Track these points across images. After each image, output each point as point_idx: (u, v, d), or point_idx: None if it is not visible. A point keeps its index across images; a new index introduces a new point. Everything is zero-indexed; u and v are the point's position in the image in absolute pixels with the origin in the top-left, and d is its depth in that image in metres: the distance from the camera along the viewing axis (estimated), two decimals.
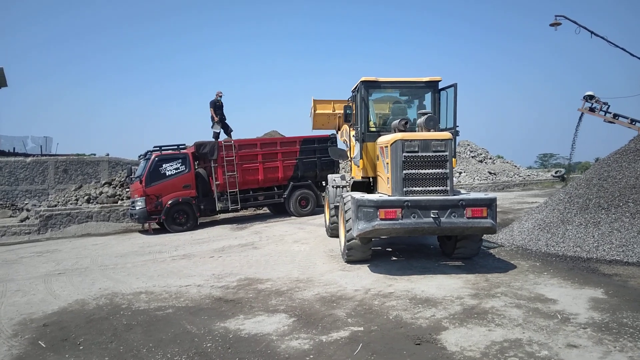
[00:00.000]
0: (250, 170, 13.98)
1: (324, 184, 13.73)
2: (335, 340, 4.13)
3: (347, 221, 6.92)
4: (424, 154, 6.51)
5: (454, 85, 7.29)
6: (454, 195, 6.59)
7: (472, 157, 25.93)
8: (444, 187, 6.51)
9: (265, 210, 16.98)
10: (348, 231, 6.85)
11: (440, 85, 7.66)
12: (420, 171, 6.51)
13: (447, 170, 6.55)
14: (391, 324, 4.44)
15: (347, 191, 8.32)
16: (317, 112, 11.45)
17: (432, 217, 6.22)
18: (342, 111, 11.01)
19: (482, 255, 7.40)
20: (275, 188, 14.50)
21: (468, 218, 6.27)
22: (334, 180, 9.66)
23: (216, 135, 14.43)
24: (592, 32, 13.96)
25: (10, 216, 16.25)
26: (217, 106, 14.51)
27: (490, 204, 6.39)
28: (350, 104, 8.25)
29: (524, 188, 22.14)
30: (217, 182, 13.55)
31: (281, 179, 14.38)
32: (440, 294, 5.31)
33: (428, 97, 7.93)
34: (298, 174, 14.42)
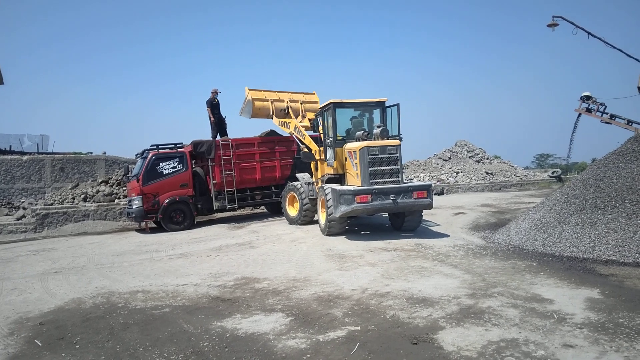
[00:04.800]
0: (247, 169, 13.98)
1: None
2: (332, 340, 4.13)
3: (328, 207, 9.25)
4: (382, 156, 9.08)
5: (397, 105, 10.04)
6: (404, 183, 9.26)
7: (469, 157, 25.95)
8: (397, 179, 9.17)
9: (263, 209, 16.97)
10: (330, 214, 9.24)
11: (388, 104, 10.34)
12: (380, 168, 9.08)
13: (398, 167, 9.22)
14: (388, 324, 4.45)
15: (320, 186, 10.56)
16: (256, 102, 13.17)
17: (392, 199, 8.78)
18: (275, 98, 13.36)
19: (478, 255, 7.42)
20: (273, 187, 14.50)
21: (415, 199, 8.93)
22: (303, 177, 11.85)
23: (214, 135, 14.37)
24: (589, 33, 14.00)
25: (7, 214, 16.17)
26: (213, 105, 14.37)
27: (428, 188, 9.25)
28: (318, 118, 10.87)
29: (520, 188, 22.21)
30: (215, 181, 13.54)
31: (278, 178, 14.39)
32: (437, 294, 5.31)
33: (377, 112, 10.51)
34: (295, 173, 14.40)
